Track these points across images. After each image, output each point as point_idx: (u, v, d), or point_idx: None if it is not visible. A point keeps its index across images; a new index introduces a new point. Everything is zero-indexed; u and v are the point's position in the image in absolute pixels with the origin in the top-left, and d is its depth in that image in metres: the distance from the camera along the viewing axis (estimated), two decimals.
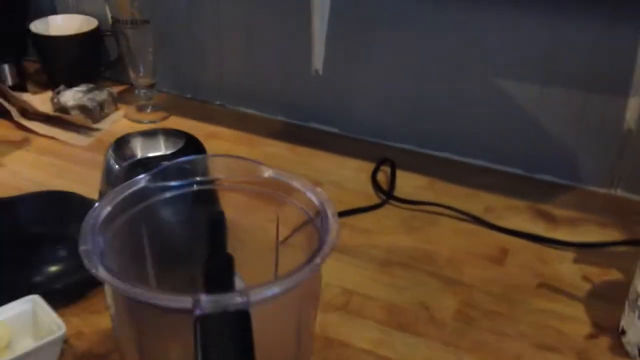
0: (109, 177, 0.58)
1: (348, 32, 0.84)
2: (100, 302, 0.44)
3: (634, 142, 0.76)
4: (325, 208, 0.44)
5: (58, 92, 0.93)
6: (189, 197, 0.48)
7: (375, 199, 0.77)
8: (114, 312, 0.42)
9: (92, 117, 0.91)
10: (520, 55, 0.77)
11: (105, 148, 0.61)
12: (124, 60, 0.92)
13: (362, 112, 0.89)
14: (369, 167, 0.83)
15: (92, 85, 0.94)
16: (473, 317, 0.61)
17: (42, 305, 0.56)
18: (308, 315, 0.46)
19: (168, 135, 0.60)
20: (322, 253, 0.40)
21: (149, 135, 0.60)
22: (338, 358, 0.56)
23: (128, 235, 0.46)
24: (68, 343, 0.56)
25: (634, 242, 0.70)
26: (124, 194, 0.45)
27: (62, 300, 0.59)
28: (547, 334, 0.59)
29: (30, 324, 0.56)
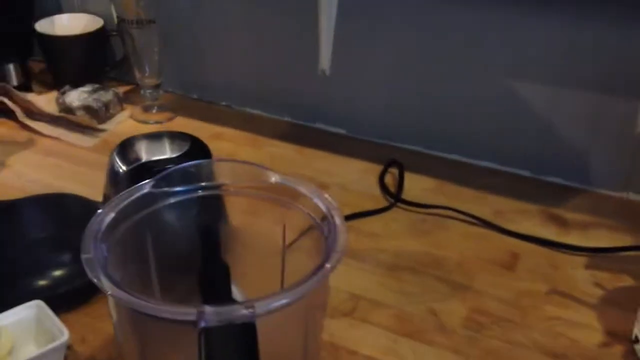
0: (113, 180, 0.57)
1: (355, 31, 0.83)
2: (104, 307, 0.43)
3: None
4: (333, 215, 0.42)
5: (63, 92, 0.92)
6: (194, 202, 0.47)
7: (383, 202, 0.76)
8: (117, 321, 0.41)
9: (97, 117, 0.90)
10: (532, 56, 0.76)
11: (111, 149, 0.60)
12: (130, 60, 0.91)
13: (369, 113, 0.88)
14: (377, 169, 0.82)
15: (97, 86, 0.93)
16: (483, 324, 0.60)
17: (45, 311, 0.55)
18: (315, 325, 0.45)
19: (173, 138, 0.59)
20: (330, 262, 0.39)
21: (154, 138, 0.60)
22: None
23: (132, 242, 0.45)
24: (71, 349, 0.56)
25: None
26: (128, 200, 0.44)
27: (65, 306, 0.58)
28: (558, 342, 0.58)
29: (33, 330, 0.55)
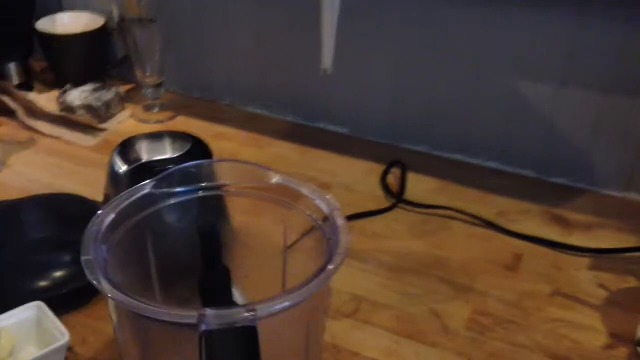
0: (114, 180, 0.57)
1: (359, 30, 0.83)
2: (105, 308, 0.42)
3: None
4: (335, 217, 0.42)
5: (64, 91, 0.92)
6: (195, 203, 0.47)
7: (385, 202, 0.76)
8: (117, 324, 0.41)
9: (98, 117, 0.90)
10: (537, 56, 0.75)
11: (112, 149, 0.60)
12: (131, 59, 0.91)
13: (372, 112, 0.88)
14: (379, 169, 0.81)
15: (98, 85, 0.93)
16: (486, 326, 0.59)
17: (46, 312, 0.55)
18: (317, 327, 0.44)
19: (174, 138, 0.59)
20: (332, 265, 0.39)
21: (155, 138, 0.59)
22: None
23: (132, 243, 0.45)
24: (72, 350, 0.55)
25: None
26: (129, 201, 0.44)
27: (66, 307, 0.58)
28: (562, 344, 0.58)
29: (34, 331, 0.55)
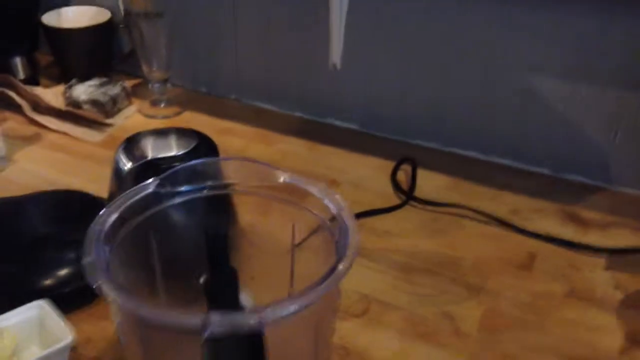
0: (119, 178, 0.56)
1: (368, 24, 0.81)
2: (110, 307, 0.41)
3: None
4: (344, 217, 0.41)
5: (70, 86, 0.91)
6: (201, 202, 0.46)
7: (396, 200, 0.74)
8: (119, 325, 0.39)
9: (104, 111, 0.89)
10: (552, 52, 0.74)
11: (118, 144, 0.59)
12: (137, 54, 0.89)
13: (382, 108, 0.86)
14: (389, 165, 0.80)
15: (105, 79, 0.92)
16: (499, 327, 0.58)
17: (49, 311, 0.54)
18: (326, 330, 0.43)
19: (180, 135, 0.58)
20: (341, 267, 0.38)
21: (161, 135, 0.58)
22: None
23: (136, 243, 0.44)
24: (76, 350, 0.54)
25: None
26: (132, 200, 0.43)
27: (70, 305, 0.57)
28: (577, 347, 0.56)
29: (37, 331, 0.54)
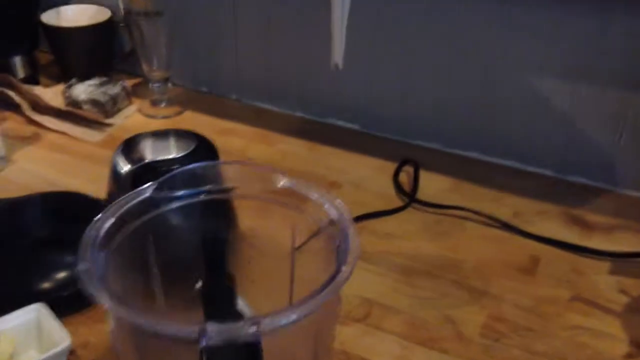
0: (116, 180, 0.55)
1: (370, 24, 0.80)
2: None
3: None
4: (345, 224, 0.40)
5: (70, 85, 0.90)
6: (199, 206, 0.45)
7: (397, 202, 0.74)
8: (114, 331, 0.39)
9: (104, 111, 0.88)
10: (555, 51, 0.73)
11: (118, 144, 0.58)
12: (138, 53, 0.89)
13: (383, 108, 0.85)
14: (391, 166, 0.79)
15: (104, 79, 0.91)
16: (502, 332, 0.57)
17: (46, 315, 0.53)
18: (326, 338, 0.42)
19: (179, 137, 0.57)
20: (341, 275, 0.37)
21: (159, 137, 0.57)
22: None
23: (133, 248, 0.43)
24: (74, 354, 0.54)
25: None
26: (128, 205, 0.42)
27: (69, 308, 0.57)
28: (581, 353, 0.55)
29: (35, 335, 0.53)
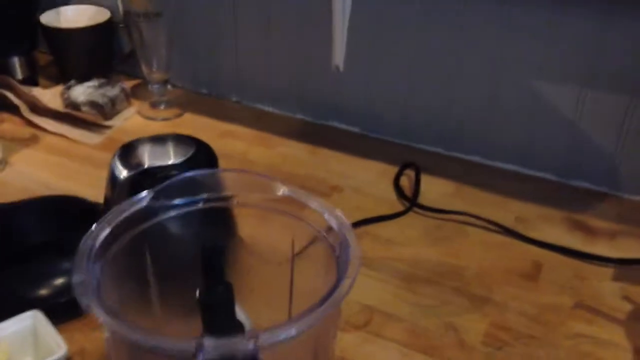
0: (114, 186, 0.54)
1: (371, 26, 0.80)
2: None
3: None
4: (346, 235, 0.39)
5: (68, 87, 0.89)
6: (197, 215, 0.44)
7: (398, 206, 0.73)
8: (109, 341, 0.38)
9: (103, 113, 0.87)
10: (559, 57, 0.72)
11: (117, 147, 0.57)
12: (137, 54, 0.88)
13: (385, 111, 0.85)
14: (392, 170, 0.78)
15: (103, 80, 0.90)
16: (505, 340, 0.56)
17: (42, 322, 0.53)
18: (326, 352, 0.41)
19: (178, 142, 0.56)
20: (341, 288, 0.36)
21: (158, 142, 0.57)
22: None
23: (130, 257, 0.42)
24: None
25: None
26: (125, 214, 0.41)
27: (65, 315, 0.56)
28: None
29: (30, 342, 0.53)
